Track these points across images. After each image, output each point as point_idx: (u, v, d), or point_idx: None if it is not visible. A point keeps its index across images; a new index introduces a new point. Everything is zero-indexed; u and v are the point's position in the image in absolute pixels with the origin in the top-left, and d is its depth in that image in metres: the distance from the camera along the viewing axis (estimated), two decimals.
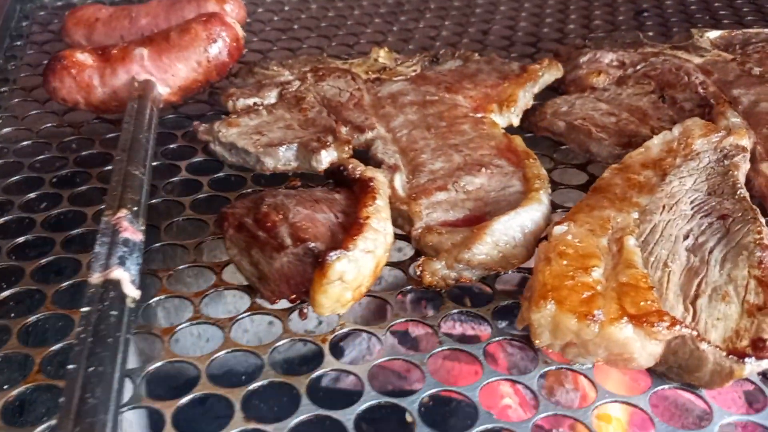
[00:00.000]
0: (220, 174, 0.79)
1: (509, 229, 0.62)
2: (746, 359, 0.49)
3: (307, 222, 0.59)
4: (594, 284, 0.54)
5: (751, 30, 1.03)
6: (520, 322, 0.56)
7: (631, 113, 0.86)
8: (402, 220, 0.68)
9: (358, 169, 0.66)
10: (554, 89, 0.95)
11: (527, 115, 0.89)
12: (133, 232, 0.61)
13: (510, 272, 0.64)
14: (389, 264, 0.64)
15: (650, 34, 1.15)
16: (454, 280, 0.62)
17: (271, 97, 0.89)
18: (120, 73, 0.85)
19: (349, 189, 0.66)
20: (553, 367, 0.55)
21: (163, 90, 0.87)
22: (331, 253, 0.54)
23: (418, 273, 0.62)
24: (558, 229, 0.60)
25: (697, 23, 1.19)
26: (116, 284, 0.55)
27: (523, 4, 1.29)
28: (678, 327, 0.50)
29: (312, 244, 0.57)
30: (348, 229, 0.58)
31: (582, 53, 0.99)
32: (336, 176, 0.68)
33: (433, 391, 0.53)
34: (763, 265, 0.56)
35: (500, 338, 0.58)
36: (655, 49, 0.98)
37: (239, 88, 0.91)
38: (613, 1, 1.30)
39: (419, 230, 0.65)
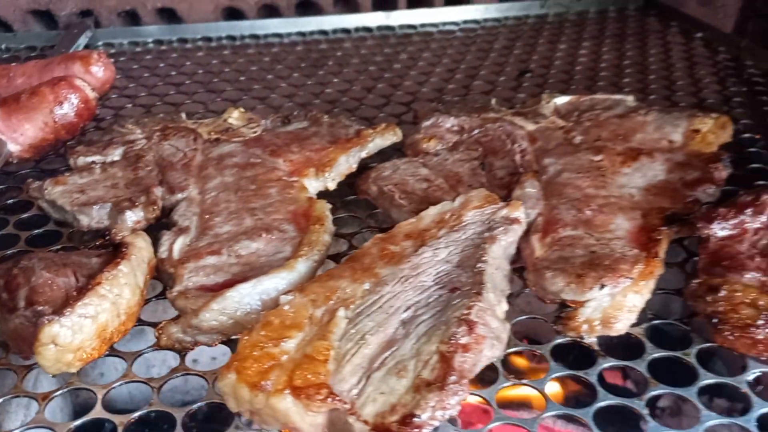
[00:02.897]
0: (40, 230, 0.85)
1: (245, 297, 0.66)
2: None
3: (44, 286, 0.64)
4: (279, 355, 0.57)
5: (598, 96, 1.05)
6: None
7: (446, 179, 0.89)
8: (172, 282, 0.73)
9: (120, 234, 0.71)
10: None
11: (358, 176, 0.93)
12: None
13: None
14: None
15: (521, 95, 1.18)
16: (191, 345, 0.66)
17: (116, 155, 0.95)
18: None
19: (114, 253, 0.71)
20: None
21: (14, 147, 0.95)
22: (44, 318, 0.59)
23: (156, 335, 0.66)
24: (282, 299, 0.64)
25: (573, 86, 1.21)
26: None
27: (417, 63, 1.34)
28: (330, 400, 0.53)
29: (39, 308, 0.62)
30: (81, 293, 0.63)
31: (428, 117, 1.03)
32: (105, 239, 0.73)
33: None
34: (452, 341, 0.58)
35: None
36: (497, 115, 1.02)
37: (88, 145, 0.97)
38: (504, 60, 1.34)
39: (174, 294, 0.69)
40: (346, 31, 1.47)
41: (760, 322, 0.61)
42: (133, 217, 0.81)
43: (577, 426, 0.60)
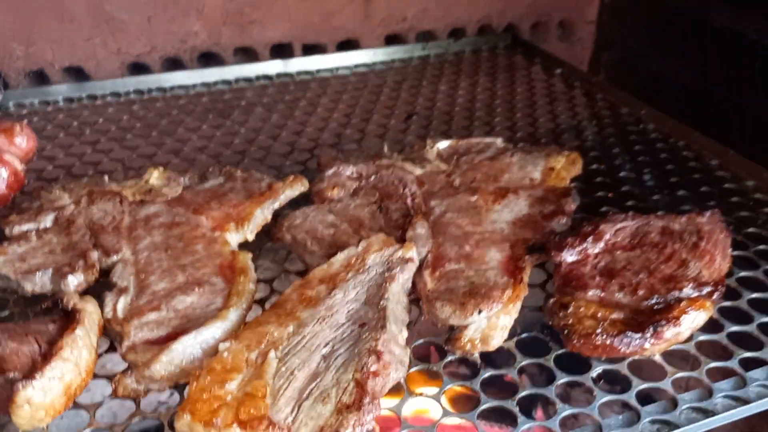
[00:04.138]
0: None
1: (188, 347, 0.78)
2: None
3: (12, 355, 0.73)
4: (225, 396, 0.70)
5: (473, 140, 1.23)
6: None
7: (350, 224, 1.03)
8: (119, 339, 0.84)
9: (71, 301, 0.81)
10: None
11: (274, 225, 1.06)
12: None
13: None
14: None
15: (409, 138, 1.35)
16: (144, 392, 0.78)
17: (47, 221, 1.03)
18: None
19: (67, 317, 0.81)
20: None
21: None
22: (19, 383, 0.69)
23: (113, 387, 0.77)
24: (221, 347, 0.76)
25: (453, 126, 1.40)
26: None
27: (316, 108, 1.48)
28: (270, 429, 0.67)
29: (11, 375, 0.72)
30: (47, 357, 0.73)
31: (330, 166, 1.17)
32: (58, 306, 0.83)
33: None
34: (364, 369, 0.73)
35: None
36: (389, 161, 1.18)
37: (20, 213, 1.05)
38: (393, 104, 1.50)
39: (124, 349, 0.81)
40: (248, 80, 1.59)
41: (599, 331, 0.79)
42: (74, 281, 0.91)
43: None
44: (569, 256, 0.91)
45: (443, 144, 1.22)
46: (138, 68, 1.57)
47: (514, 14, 1.83)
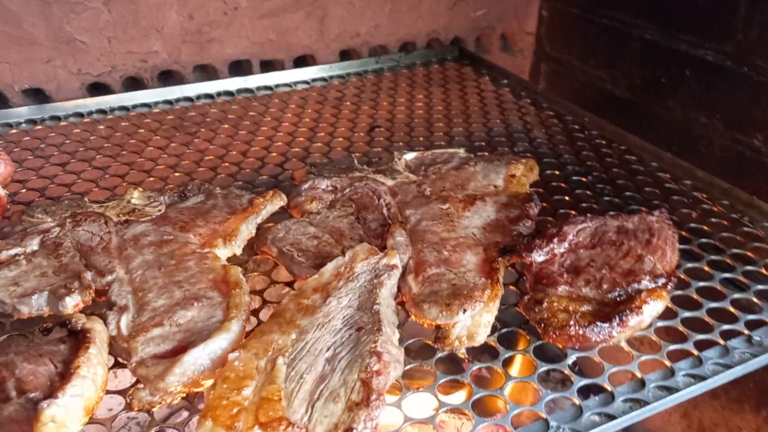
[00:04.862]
0: None
1: (198, 359, 0.83)
2: None
3: (30, 376, 0.77)
4: (242, 401, 0.75)
5: (438, 150, 1.31)
6: None
7: (331, 234, 1.09)
8: (126, 355, 0.87)
9: (80, 322, 0.84)
10: None
11: (257, 237, 1.11)
12: None
13: None
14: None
15: (377, 149, 1.42)
16: (158, 404, 0.82)
17: (34, 244, 1.05)
18: None
19: (75, 337, 0.84)
20: None
21: None
22: (43, 402, 0.73)
23: (128, 401, 0.81)
24: (231, 356, 0.81)
25: (414, 137, 1.48)
26: None
27: (281, 123, 1.53)
28: (290, 428, 0.73)
29: (32, 395, 0.75)
30: (64, 377, 0.77)
31: (305, 180, 1.23)
32: (65, 327, 0.86)
33: None
34: (368, 369, 0.80)
35: None
36: (362, 174, 1.24)
37: (5, 238, 1.06)
38: (355, 116, 1.57)
39: (133, 365, 0.84)
40: (209, 96, 1.63)
41: (572, 323, 0.88)
42: (72, 302, 0.93)
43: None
44: (538, 257, 1.00)
45: (410, 155, 1.30)
46: (98, 88, 1.59)
47: (459, 28, 1.93)
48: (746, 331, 0.92)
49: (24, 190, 1.26)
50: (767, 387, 1.41)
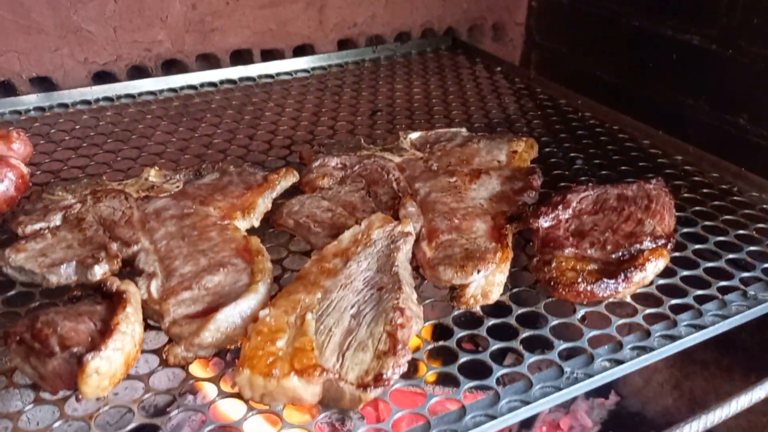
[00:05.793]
0: (13, 292, 0.98)
1: (230, 317, 0.87)
2: (368, 389, 0.77)
3: (71, 332, 0.80)
4: (276, 351, 0.80)
5: (440, 130, 1.37)
6: (232, 384, 0.80)
7: (344, 208, 1.14)
8: (157, 316, 0.91)
9: (115, 284, 0.88)
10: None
11: (272, 213, 1.16)
12: None
13: None
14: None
15: (379, 131, 1.47)
16: (192, 360, 0.86)
17: (56, 220, 1.09)
18: None
19: (110, 299, 0.88)
20: None
21: None
22: (87, 355, 0.76)
23: (165, 357, 0.85)
24: (262, 313, 0.86)
25: (416, 120, 1.53)
26: None
27: (284, 109, 1.58)
28: (325, 374, 0.77)
29: (75, 349, 0.78)
30: (103, 334, 0.80)
31: (315, 158, 1.27)
32: (100, 290, 0.89)
33: None
34: (393, 323, 0.84)
35: None
36: (369, 152, 1.29)
37: (27, 215, 1.09)
38: (356, 101, 1.62)
39: (167, 324, 0.88)
40: (212, 84, 1.67)
41: (580, 280, 0.94)
42: (100, 270, 0.97)
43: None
44: (545, 222, 1.06)
45: (414, 135, 1.35)
46: (102, 77, 1.62)
47: (452, 18, 1.99)
48: (742, 287, 0.98)
49: (39, 173, 1.29)
50: (756, 354, 1.48)
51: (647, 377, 1.79)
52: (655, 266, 0.96)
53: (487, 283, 0.96)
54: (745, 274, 1.01)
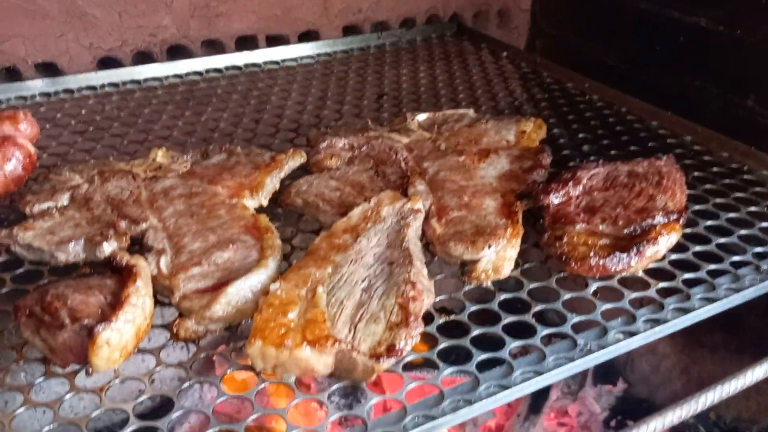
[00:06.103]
0: (21, 269, 0.97)
1: (240, 291, 0.86)
2: (381, 359, 0.76)
3: (81, 305, 0.80)
4: (288, 323, 0.79)
5: (448, 111, 1.36)
6: (244, 356, 0.80)
7: (352, 187, 1.13)
8: (167, 292, 0.90)
9: (125, 258, 0.87)
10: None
11: (280, 193, 1.15)
12: None
13: None
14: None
15: (385, 115, 1.46)
16: (203, 334, 0.85)
17: (64, 199, 1.08)
18: None
19: (119, 274, 0.87)
20: None
21: None
22: (98, 326, 0.76)
23: (175, 330, 0.84)
24: (272, 287, 0.85)
25: (422, 104, 1.52)
26: None
27: (290, 94, 1.57)
28: (338, 344, 0.76)
29: (85, 321, 0.78)
30: (114, 307, 0.80)
31: (323, 139, 1.27)
32: (110, 265, 0.89)
33: None
34: (404, 295, 0.84)
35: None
36: (377, 133, 1.28)
37: (35, 194, 1.09)
38: (362, 86, 1.61)
39: (177, 299, 0.88)
40: (218, 70, 1.66)
41: (592, 254, 0.93)
42: (109, 247, 0.96)
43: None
44: (555, 199, 1.05)
45: (422, 116, 1.34)
46: (108, 62, 1.61)
47: (457, 4, 1.98)
48: (755, 261, 0.97)
49: (45, 156, 1.28)
50: (766, 334, 1.47)
51: (655, 363, 1.78)
52: (667, 240, 0.95)
53: (498, 257, 0.95)
54: (759, 249, 1.00)
